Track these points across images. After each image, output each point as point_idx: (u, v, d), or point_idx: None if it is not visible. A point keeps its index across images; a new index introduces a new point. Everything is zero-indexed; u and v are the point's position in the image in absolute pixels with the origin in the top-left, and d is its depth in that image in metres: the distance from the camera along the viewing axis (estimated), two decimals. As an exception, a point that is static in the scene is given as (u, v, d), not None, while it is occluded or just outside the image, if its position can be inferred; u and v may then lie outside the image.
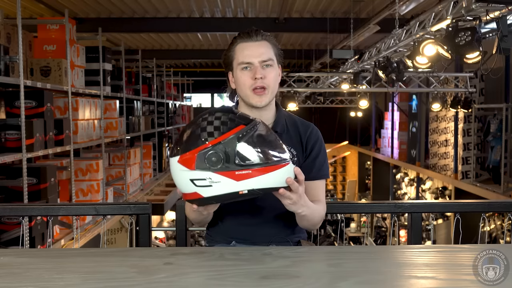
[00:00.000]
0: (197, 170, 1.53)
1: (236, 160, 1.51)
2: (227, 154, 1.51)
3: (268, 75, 1.79)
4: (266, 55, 1.79)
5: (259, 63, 1.78)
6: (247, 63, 1.79)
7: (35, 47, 5.67)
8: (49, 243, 3.59)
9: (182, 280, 1.28)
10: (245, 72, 1.79)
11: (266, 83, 1.78)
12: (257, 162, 1.53)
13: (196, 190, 1.55)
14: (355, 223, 15.21)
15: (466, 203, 2.43)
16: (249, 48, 1.80)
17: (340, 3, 9.69)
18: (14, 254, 1.57)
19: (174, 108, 13.55)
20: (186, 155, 1.54)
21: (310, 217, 1.73)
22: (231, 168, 1.51)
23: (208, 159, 1.51)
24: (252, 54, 1.79)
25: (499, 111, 8.53)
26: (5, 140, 4.57)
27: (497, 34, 4.47)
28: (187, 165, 1.54)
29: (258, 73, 1.77)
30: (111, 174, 7.96)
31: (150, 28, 10.90)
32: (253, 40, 1.80)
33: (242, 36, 1.82)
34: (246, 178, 1.52)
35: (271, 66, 1.80)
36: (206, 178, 1.52)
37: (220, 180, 1.52)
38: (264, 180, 1.53)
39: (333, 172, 20.69)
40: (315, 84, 12.09)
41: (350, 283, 1.24)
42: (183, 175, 1.55)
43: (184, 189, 1.57)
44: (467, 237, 2.55)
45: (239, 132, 1.53)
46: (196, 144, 1.53)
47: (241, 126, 1.54)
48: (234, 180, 1.51)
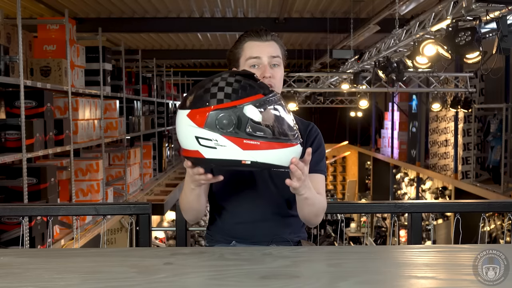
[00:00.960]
0: (205, 129, 1.47)
1: (247, 129, 1.46)
2: (240, 120, 1.46)
3: (276, 74, 1.80)
4: (275, 53, 1.80)
5: (268, 62, 1.79)
6: (256, 58, 1.78)
7: (35, 47, 5.67)
8: (49, 243, 3.59)
9: (182, 280, 1.28)
10: (253, 70, 1.78)
11: (273, 82, 1.78)
12: (267, 136, 1.48)
13: (198, 148, 1.50)
14: (355, 223, 15.21)
15: (466, 203, 2.43)
16: (259, 46, 1.80)
17: (340, 3, 9.69)
18: (14, 254, 1.57)
19: (174, 108, 13.56)
20: (197, 111, 1.49)
21: (311, 202, 1.69)
22: (240, 135, 1.46)
23: (219, 121, 1.46)
24: (262, 51, 1.79)
25: (499, 111, 8.53)
26: (5, 140, 4.57)
27: (497, 34, 4.47)
28: (196, 122, 1.49)
29: (267, 72, 1.77)
30: (111, 174, 7.96)
31: (150, 28, 10.89)
32: (262, 39, 1.80)
33: (251, 34, 1.81)
34: (252, 148, 1.47)
35: (278, 66, 1.81)
36: (213, 139, 1.47)
37: (226, 145, 1.47)
38: (270, 155, 1.49)
39: (333, 172, 20.69)
40: (315, 84, 12.09)
41: (350, 283, 1.24)
42: (189, 130, 1.50)
43: (186, 145, 1.52)
44: (467, 237, 2.56)
45: (257, 100, 1.48)
46: (210, 103, 1.48)
47: (260, 95, 1.50)
48: (240, 148, 1.47)
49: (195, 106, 1.50)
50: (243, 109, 1.47)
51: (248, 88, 1.50)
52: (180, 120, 1.53)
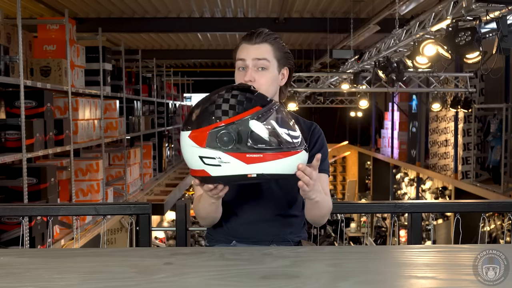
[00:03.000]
0: (208, 148, 1.49)
1: (248, 143, 1.48)
2: (240, 135, 1.47)
3: (260, 78, 1.77)
4: (262, 55, 1.78)
5: (252, 65, 1.77)
6: (241, 60, 1.79)
7: (35, 47, 5.67)
8: (49, 243, 3.59)
9: (182, 280, 1.28)
10: (240, 72, 1.79)
11: (257, 86, 1.70)
12: (270, 147, 1.49)
13: (204, 168, 1.51)
14: (355, 223, 15.21)
15: (466, 203, 2.43)
16: (247, 49, 1.79)
17: (340, 3, 9.69)
18: (14, 254, 1.57)
19: (174, 108, 13.56)
20: (198, 131, 1.51)
21: (321, 205, 1.72)
22: (242, 150, 1.48)
23: (219, 138, 1.47)
24: (248, 55, 1.78)
25: (499, 111, 8.53)
26: (5, 140, 4.57)
27: (497, 34, 4.47)
28: (197, 142, 1.50)
29: (247, 75, 1.76)
30: (111, 174, 7.96)
31: (150, 28, 10.90)
32: (251, 42, 1.79)
33: (246, 36, 1.83)
34: (256, 162, 1.48)
35: (266, 69, 1.78)
36: (216, 157, 1.49)
37: (230, 161, 1.48)
38: (275, 166, 1.49)
39: (333, 172, 20.68)
40: (315, 84, 12.09)
41: (350, 283, 1.24)
42: (192, 151, 1.52)
43: (192, 165, 1.54)
44: (467, 237, 2.56)
45: (255, 113, 1.49)
46: (209, 122, 1.49)
47: (258, 107, 1.50)
48: (244, 163, 1.48)
49: (195, 127, 1.52)
50: (242, 124, 1.48)
51: (245, 102, 1.51)
52: (183, 142, 1.55)
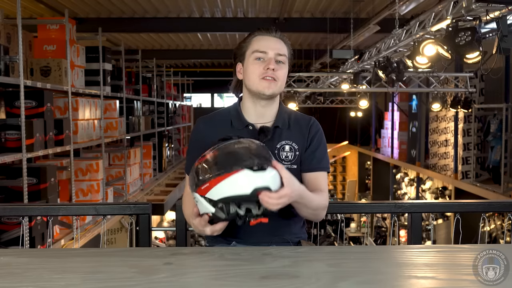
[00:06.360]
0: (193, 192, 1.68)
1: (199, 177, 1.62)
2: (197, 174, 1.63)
3: (280, 70, 1.81)
4: (282, 51, 1.82)
5: (273, 56, 1.80)
6: (262, 52, 1.80)
7: (35, 47, 5.67)
8: (49, 243, 3.60)
9: (182, 280, 1.28)
10: (258, 62, 1.81)
11: (276, 75, 1.80)
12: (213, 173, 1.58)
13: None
14: (355, 223, 15.20)
15: (466, 203, 2.43)
16: (267, 40, 1.82)
17: (340, 3, 9.69)
18: (14, 254, 1.57)
19: (174, 108, 13.55)
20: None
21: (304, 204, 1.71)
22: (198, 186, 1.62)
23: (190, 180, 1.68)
24: (269, 45, 1.81)
25: (499, 111, 8.52)
26: (5, 140, 4.57)
27: (497, 34, 4.47)
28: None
29: (271, 64, 1.79)
30: (111, 174, 7.96)
31: (150, 28, 10.90)
32: (271, 35, 1.84)
33: (261, 30, 1.85)
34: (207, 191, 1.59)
35: (283, 63, 1.82)
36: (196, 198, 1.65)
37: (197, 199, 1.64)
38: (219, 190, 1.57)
39: (333, 172, 20.67)
40: (315, 84, 12.09)
41: (350, 283, 1.24)
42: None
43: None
44: (467, 237, 2.55)
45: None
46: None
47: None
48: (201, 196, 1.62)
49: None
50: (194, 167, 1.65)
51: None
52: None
